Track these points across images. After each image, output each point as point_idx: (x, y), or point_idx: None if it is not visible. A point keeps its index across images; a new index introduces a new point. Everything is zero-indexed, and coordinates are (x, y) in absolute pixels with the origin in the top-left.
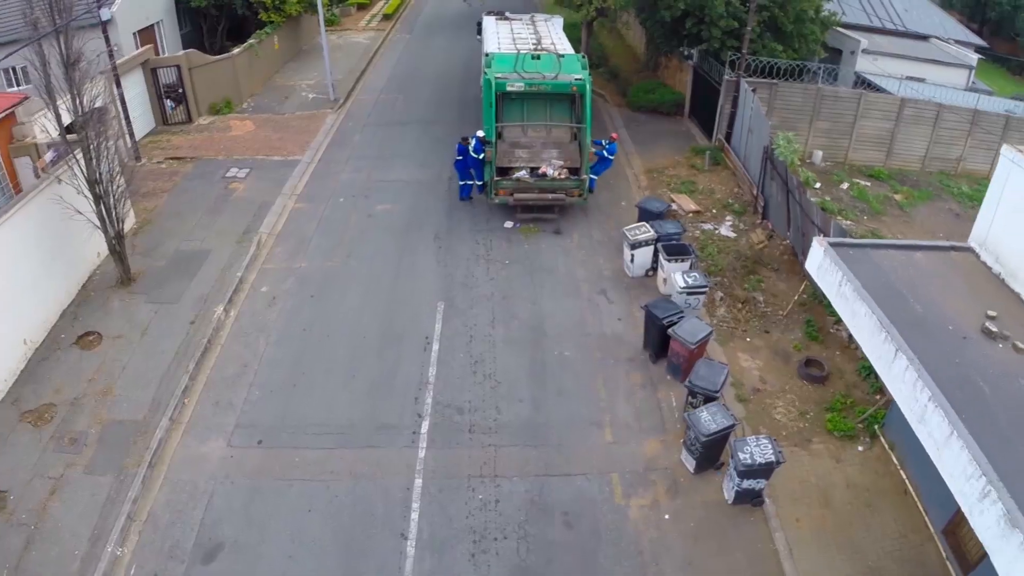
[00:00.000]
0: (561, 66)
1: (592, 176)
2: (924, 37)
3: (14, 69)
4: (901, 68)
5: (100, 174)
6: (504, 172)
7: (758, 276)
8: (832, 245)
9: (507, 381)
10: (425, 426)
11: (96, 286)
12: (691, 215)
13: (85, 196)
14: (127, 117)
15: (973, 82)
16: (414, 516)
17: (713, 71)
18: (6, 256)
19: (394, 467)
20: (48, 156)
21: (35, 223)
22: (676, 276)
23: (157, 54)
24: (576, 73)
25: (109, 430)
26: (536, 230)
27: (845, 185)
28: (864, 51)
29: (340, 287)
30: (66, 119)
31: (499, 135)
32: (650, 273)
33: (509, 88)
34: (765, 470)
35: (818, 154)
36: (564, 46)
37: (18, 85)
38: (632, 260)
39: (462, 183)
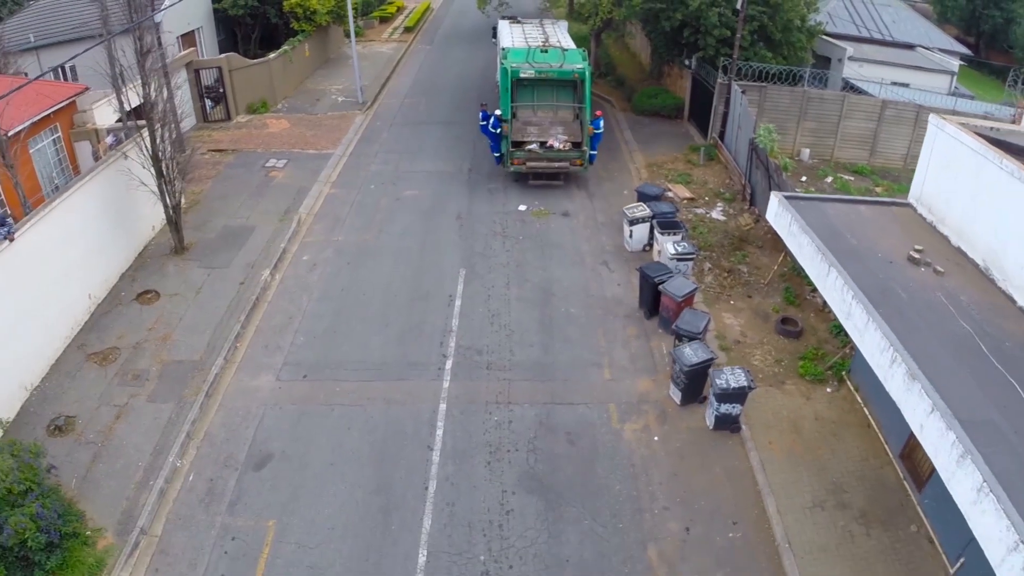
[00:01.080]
0: (565, 58)
1: (592, 152)
2: (910, 46)
3: (63, 68)
4: (886, 74)
5: (162, 151)
6: (518, 145)
7: (743, 252)
8: (786, 197)
9: (520, 330)
10: (449, 364)
11: (151, 254)
12: (685, 201)
13: (148, 171)
14: (174, 110)
15: (955, 87)
16: (439, 433)
17: (709, 76)
18: (77, 220)
19: (422, 395)
20: (108, 140)
21: (101, 195)
22: (667, 245)
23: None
24: (578, 63)
25: (168, 368)
26: (546, 212)
27: (829, 179)
28: (850, 58)
29: (373, 257)
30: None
31: (514, 115)
32: (647, 248)
33: (522, 75)
34: (739, 394)
35: (805, 152)
36: (568, 43)
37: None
38: (631, 236)
39: (493, 146)
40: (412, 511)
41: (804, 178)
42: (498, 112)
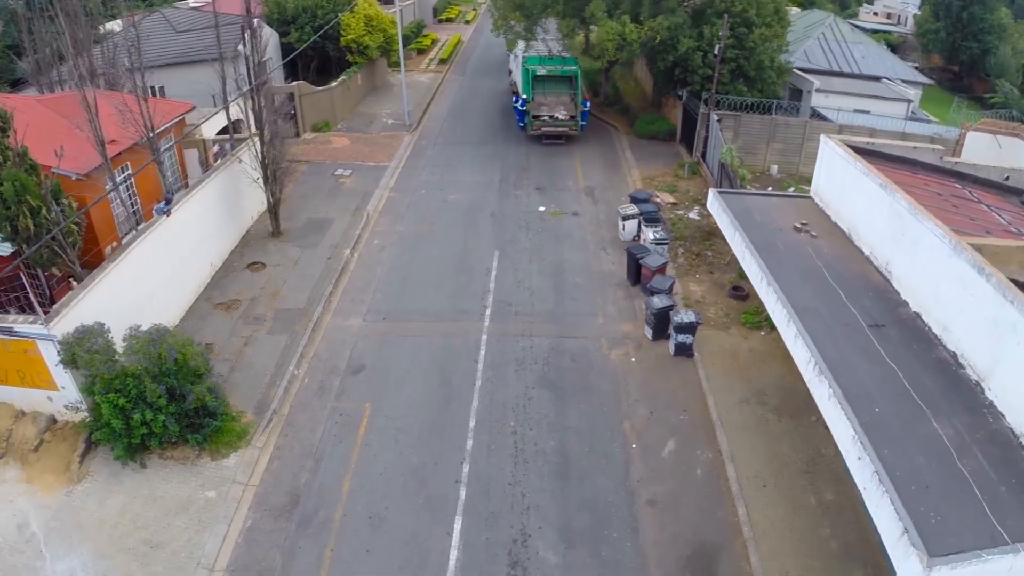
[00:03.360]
0: (564, 63)
1: (583, 122)
2: (876, 78)
3: (153, 88)
4: (851, 103)
5: (268, 157)
6: (535, 117)
7: (711, 241)
8: (718, 192)
9: (539, 292)
10: (488, 312)
11: (253, 237)
12: (669, 205)
13: (257, 170)
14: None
15: (913, 112)
16: (482, 352)
17: (696, 107)
18: (204, 207)
19: (470, 330)
20: (215, 149)
21: (220, 189)
22: (649, 234)
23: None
24: (572, 66)
25: (280, 313)
26: (560, 212)
27: (792, 189)
28: (817, 90)
29: (428, 242)
30: (223, 123)
31: (532, 98)
32: (635, 238)
33: (538, 73)
34: (691, 327)
35: (774, 168)
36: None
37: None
38: (623, 228)
39: (519, 118)
40: (465, 398)
41: (770, 188)
42: (524, 96)
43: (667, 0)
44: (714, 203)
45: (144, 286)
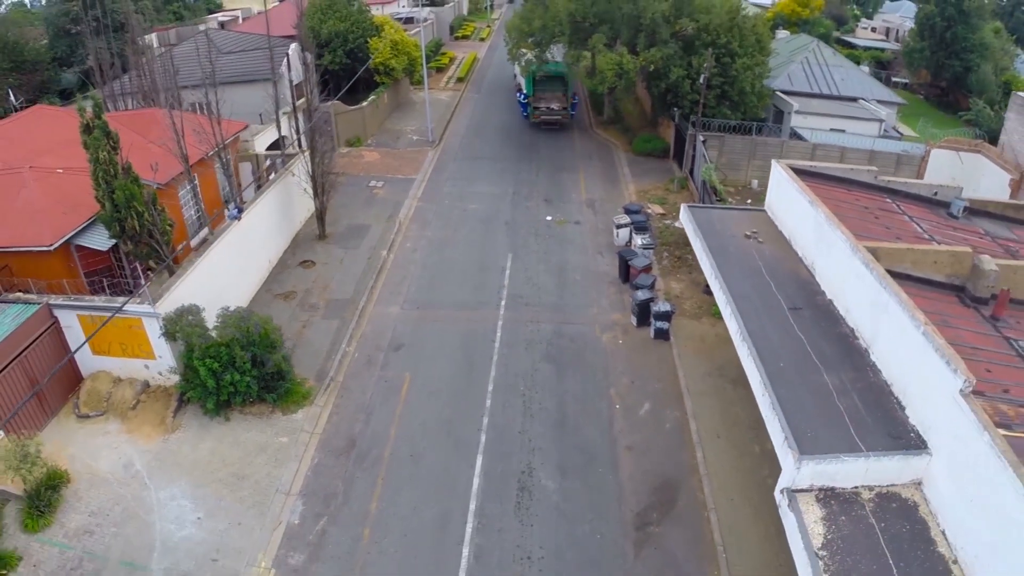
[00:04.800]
0: (557, 67)
1: (572, 112)
2: (854, 99)
3: (193, 105)
4: (828, 123)
5: (318, 170)
6: (536, 108)
7: (691, 247)
8: (688, 207)
9: (545, 287)
10: (503, 302)
11: (302, 239)
12: (659, 215)
13: (307, 182)
14: (299, 141)
15: (886, 130)
16: (498, 334)
17: (685, 127)
18: (265, 213)
19: (488, 317)
20: (267, 163)
21: (277, 197)
22: (637, 239)
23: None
24: (563, 69)
25: (331, 303)
26: (565, 221)
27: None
28: (796, 111)
29: (452, 245)
30: (270, 139)
31: (533, 94)
32: (627, 244)
33: (538, 75)
34: (667, 315)
35: (755, 182)
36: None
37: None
38: (617, 235)
39: (523, 109)
40: (484, 369)
41: (749, 200)
42: (526, 93)
43: (660, 33)
44: (684, 215)
45: (221, 277)
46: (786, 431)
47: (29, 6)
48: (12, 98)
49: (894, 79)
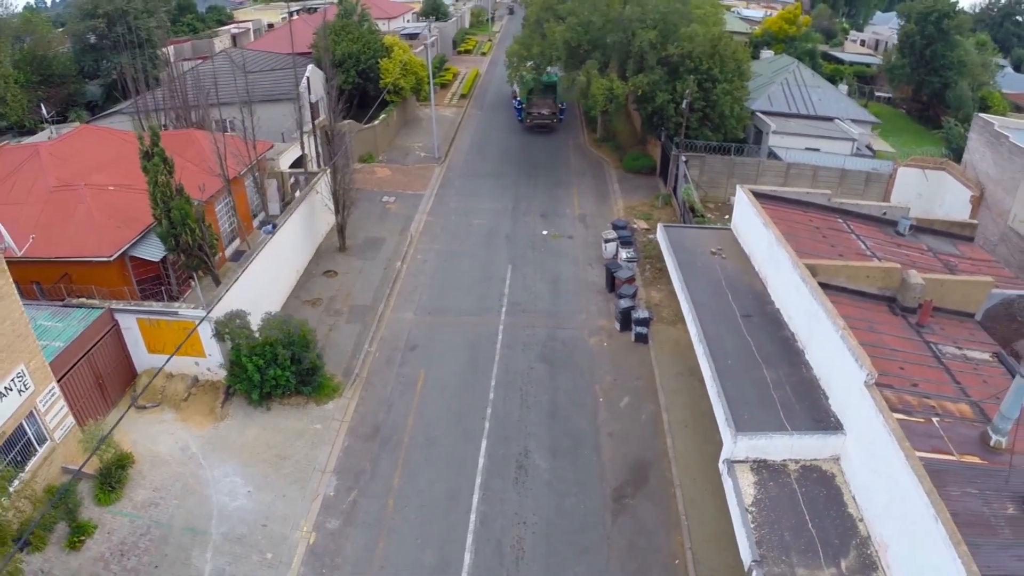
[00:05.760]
0: (548, 77)
1: (561, 117)
2: (830, 118)
3: (224, 121)
4: (803, 143)
5: (340, 187)
6: (529, 113)
7: None
8: (664, 226)
9: (541, 295)
10: (504, 309)
11: (324, 251)
12: (643, 230)
13: (330, 198)
14: (319, 159)
15: (859, 148)
16: (499, 337)
17: (670, 147)
18: (293, 228)
19: (491, 322)
20: (291, 180)
21: (303, 212)
22: (623, 253)
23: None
24: (554, 79)
25: (353, 309)
26: (559, 235)
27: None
28: (774, 132)
29: (459, 257)
30: (295, 155)
31: (527, 100)
32: (614, 256)
33: (532, 85)
34: (645, 321)
35: (733, 198)
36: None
37: (230, 130)
38: (605, 249)
39: (518, 114)
40: (487, 367)
41: (727, 216)
42: (521, 99)
43: (648, 60)
44: (660, 233)
45: (259, 286)
46: (727, 413)
47: (35, 4)
48: (44, 111)
49: (877, 93)
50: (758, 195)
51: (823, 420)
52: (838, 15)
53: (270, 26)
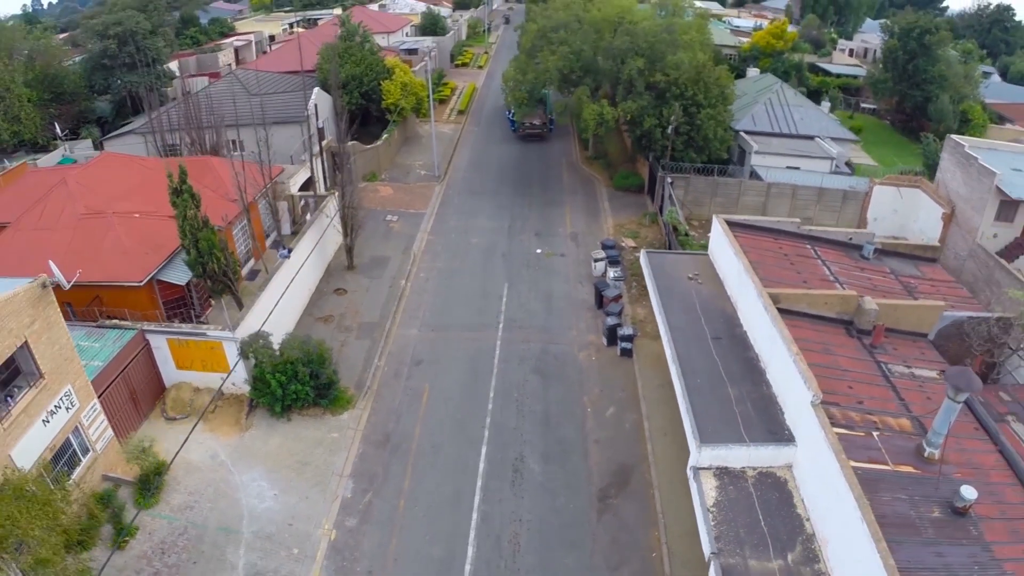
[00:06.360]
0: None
1: (551, 127)
2: (811, 137)
3: (234, 141)
4: (785, 161)
5: (348, 209)
6: (521, 124)
7: None
8: (646, 252)
9: (535, 312)
10: (501, 325)
11: (333, 269)
12: (630, 248)
13: (338, 221)
14: (324, 180)
15: (837, 166)
16: (497, 352)
17: (657, 168)
18: (306, 250)
19: (488, 338)
20: (301, 202)
21: (313, 233)
22: (611, 272)
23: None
24: (546, 92)
25: (362, 325)
26: (552, 254)
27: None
28: (756, 152)
29: (459, 275)
30: (305, 177)
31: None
32: (603, 275)
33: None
34: (630, 337)
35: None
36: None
37: (240, 150)
38: (595, 268)
39: (511, 125)
40: (487, 380)
41: (709, 234)
42: (514, 110)
43: (636, 86)
44: (643, 259)
45: (277, 306)
46: (693, 427)
47: (31, 8)
48: (57, 129)
49: (863, 105)
50: (733, 224)
51: (778, 433)
52: (827, 24)
53: (271, 38)
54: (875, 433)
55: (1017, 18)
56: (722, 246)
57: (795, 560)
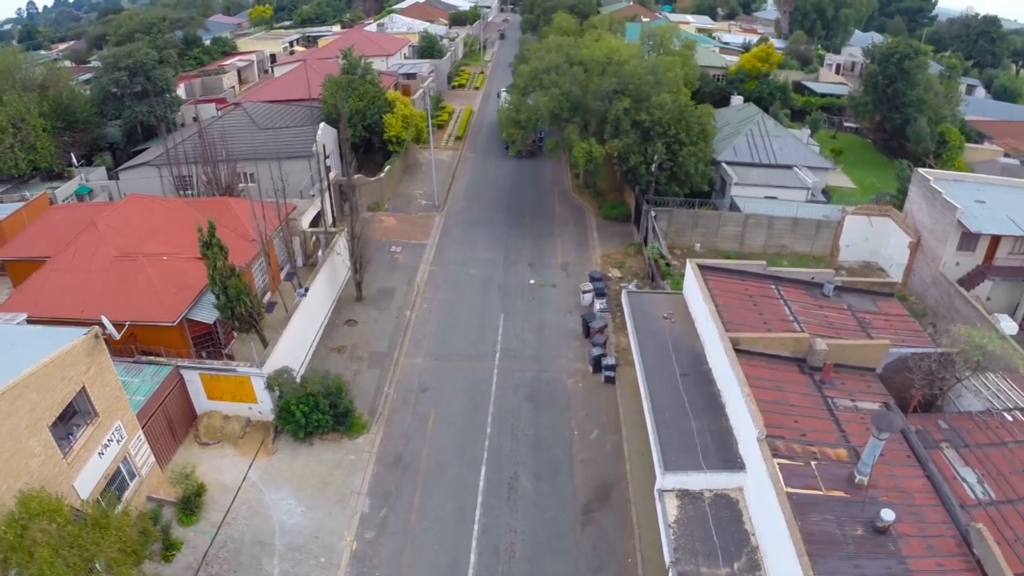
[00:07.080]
0: None
1: (540, 145)
2: (789, 166)
3: (246, 174)
4: (763, 192)
5: (356, 245)
6: (513, 144)
7: None
8: (627, 291)
9: (528, 342)
10: (497, 355)
11: (343, 302)
12: (616, 279)
13: (347, 254)
14: (332, 213)
15: (813, 195)
16: (494, 380)
17: (643, 199)
18: (320, 284)
19: (486, 367)
20: (312, 238)
21: (326, 269)
22: (597, 304)
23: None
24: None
25: (372, 355)
26: (544, 284)
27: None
28: (736, 183)
29: (459, 306)
30: (315, 212)
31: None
32: (590, 305)
33: None
34: (613, 367)
35: (697, 245)
36: None
37: (255, 182)
38: (583, 299)
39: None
40: (485, 406)
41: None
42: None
43: (623, 124)
44: (624, 298)
45: (294, 340)
46: (659, 455)
47: (25, 13)
48: (73, 158)
49: (846, 124)
50: (704, 267)
51: (731, 461)
52: (815, 40)
53: (272, 57)
54: (813, 463)
55: (1003, 29)
56: (693, 289)
57: (740, 568)
